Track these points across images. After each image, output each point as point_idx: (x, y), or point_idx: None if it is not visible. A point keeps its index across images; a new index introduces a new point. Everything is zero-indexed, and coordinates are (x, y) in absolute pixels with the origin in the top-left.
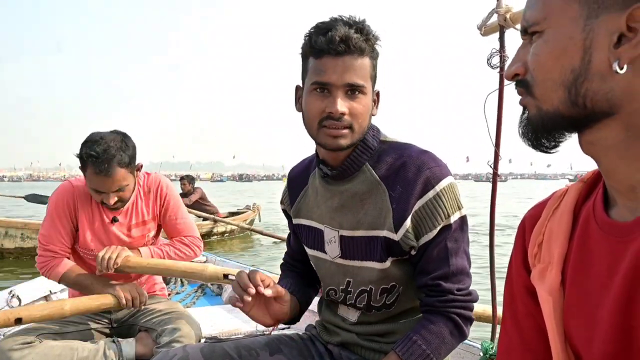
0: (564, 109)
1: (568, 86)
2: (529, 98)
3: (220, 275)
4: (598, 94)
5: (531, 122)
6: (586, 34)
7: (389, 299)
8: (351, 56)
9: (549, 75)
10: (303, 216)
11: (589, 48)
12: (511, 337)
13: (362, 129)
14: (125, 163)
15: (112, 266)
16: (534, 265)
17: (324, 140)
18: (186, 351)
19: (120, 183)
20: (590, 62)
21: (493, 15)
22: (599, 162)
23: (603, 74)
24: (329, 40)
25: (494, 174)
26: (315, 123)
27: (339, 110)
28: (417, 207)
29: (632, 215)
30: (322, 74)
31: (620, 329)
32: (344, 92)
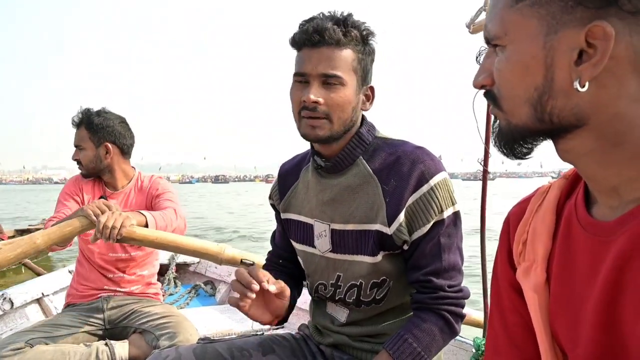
0: (532, 124)
1: (533, 104)
2: (497, 110)
3: (238, 259)
4: (564, 111)
5: (502, 133)
6: (547, 51)
7: (379, 294)
8: (327, 47)
9: (514, 92)
10: (292, 211)
11: (550, 66)
12: (498, 334)
13: (343, 120)
14: (89, 126)
15: (116, 237)
16: (519, 263)
17: (303, 130)
18: (179, 352)
19: (79, 141)
20: (552, 80)
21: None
22: (578, 168)
23: (566, 91)
24: (304, 31)
25: (484, 171)
26: (296, 113)
27: (311, 98)
28: (411, 201)
29: (614, 214)
30: (301, 65)
31: (604, 328)
32: (320, 83)
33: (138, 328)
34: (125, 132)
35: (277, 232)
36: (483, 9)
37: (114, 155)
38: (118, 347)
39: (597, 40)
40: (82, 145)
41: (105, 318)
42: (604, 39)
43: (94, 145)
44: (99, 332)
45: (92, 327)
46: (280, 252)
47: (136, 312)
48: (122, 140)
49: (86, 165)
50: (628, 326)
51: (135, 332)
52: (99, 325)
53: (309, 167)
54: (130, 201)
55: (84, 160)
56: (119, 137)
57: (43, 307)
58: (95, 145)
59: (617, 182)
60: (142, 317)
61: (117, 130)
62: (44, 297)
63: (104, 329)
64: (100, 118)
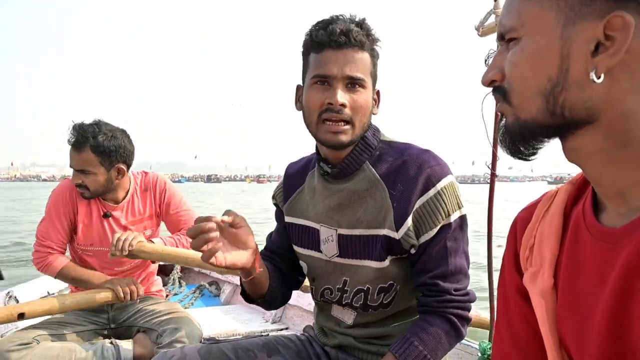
0: (542, 118)
1: (546, 95)
2: (506, 105)
3: None
4: (576, 103)
5: (509, 130)
6: (563, 43)
7: (386, 299)
8: (352, 49)
9: (527, 84)
10: (297, 215)
11: (566, 57)
12: (504, 339)
13: (363, 124)
14: (98, 150)
15: (127, 248)
16: (526, 268)
17: (324, 137)
18: (184, 352)
19: (85, 165)
20: (568, 71)
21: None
22: (583, 169)
23: (581, 83)
24: (330, 32)
25: (491, 175)
26: (315, 117)
27: (339, 101)
28: (418, 205)
29: (622, 221)
30: (323, 67)
31: (612, 336)
32: (344, 85)
33: (142, 327)
34: (132, 147)
35: (274, 232)
36: (492, 12)
37: (125, 173)
38: (123, 346)
39: (615, 31)
40: (89, 170)
41: (109, 317)
42: (623, 29)
43: (105, 170)
44: (104, 331)
45: (97, 326)
46: (273, 247)
47: (140, 310)
48: (131, 157)
49: (95, 189)
50: (637, 333)
51: (140, 331)
52: (104, 324)
53: (314, 172)
54: (137, 208)
55: (92, 186)
56: (129, 155)
57: None
58: (107, 169)
59: (623, 185)
60: (146, 315)
61: (128, 148)
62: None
63: (108, 328)
64: (110, 139)
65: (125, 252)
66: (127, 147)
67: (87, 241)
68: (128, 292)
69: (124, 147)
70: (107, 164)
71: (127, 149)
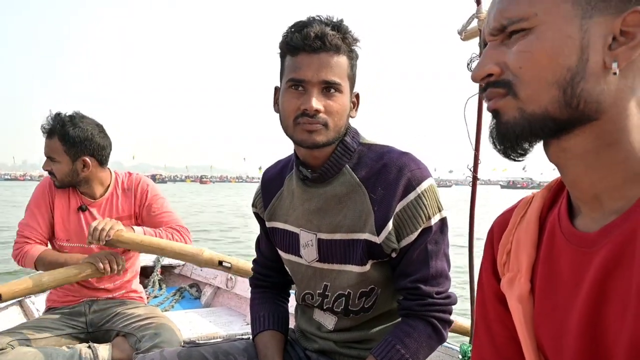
0: (553, 110)
1: (564, 86)
2: (509, 99)
3: (216, 261)
4: (591, 95)
5: (508, 126)
6: (583, 33)
7: (367, 303)
8: (327, 53)
9: (541, 74)
10: (277, 219)
11: (586, 48)
12: (484, 344)
13: (338, 127)
14: (64, 138)
15: (104, 237)
16: (503, 273)
17: (300, 137)
18: (163, 356)
19: (51, 152)
20: (587, 61)
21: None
22: (564, 171)
23: (597, 75)
24: (304, 36)
25: (473, 178)
26: (291, 120)
27: (313, 107)
28: (398, 208)
29: (596, 225)
30: (298, 71)
31: (588, 339)
32: (320, 90)
33: (121, 331)
34: (104, 142)
35: (261, 239)
36: (475, 16)
37: (92, 168)
38: (101, 350)
39: (634, 27)
40: (55, 157)
41: (87, 321)
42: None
43: (69, 159)
44: (81, 335)
45: (75, 330)
46: (267, 261)
47: (119, 314)
48: (101, 152)
49: (60, 178)
50: (611, 336)
51: (118, 335)
52: (82, 328)
53: (292, 174)
54: (118, 206)
55: (57, 173)
56: (97, 149)
57: (24, 308)
58: (72, 159)
59: (600, 189)
60: (125, 319)
61: (96, 141)
62: (25, 299)
63: (86, 332)
64: (77, 129)
65: (102, 241)
66: (96, 141)
67: (64, 236)
68: (108, 264)
69: (92, 139)
70: (72, 153)
71: (94, 142)
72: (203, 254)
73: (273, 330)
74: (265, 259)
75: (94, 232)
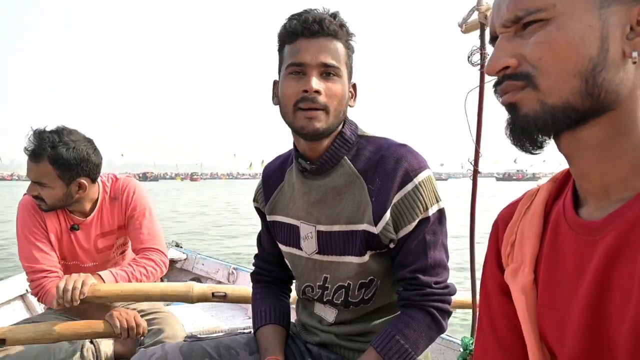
0: (575, 101)
1: (585, 76)
2: (528, 91)
3: (209, 293)
4: (612, 85)
5: (529, 119)
6: (602, 23)
7: (367, 294)
8: (325, 38)
9: (562, 65)
10: (278, 213)
11: (606, 37)
12: (487, 335)
13: (338, 113)
14: (56, 162)
15: (78, 298)
16: (507, 264)
17: (300, 123)
18: (165, 350)
19: (41, 177)
20: (608, 51)
21: (474, 13)
22: (575, 162)
23: (617, 64)
24: (302, 21)
25: (474, 171)
26: (291, 106)
27: (313, 87)
28: (396, 199)
29: (602, 214)
30: (297, 55)
31: (590, 327)
32: (319, 73)
33: None
34: (98, 159)
35: (262, 234)
36: (476, 9)
37: (87, 187)
38: (103, 345)
39: None
40: (46, 183)
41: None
42: None
43: (63, 184)
44: None
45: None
46: (268, 256)
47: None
48: (96, 170)
49: (52, 203)
50: (614, 324)
51: None
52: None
53: (292, 168)
54: (106, 220)
55: (49, 200)
56: (93, 168)
57: (27, 303)
58: (66, 183)
59: (610, 179)
60: None
61: (92, 161)
62: (28, 294)
63: None
64: (70, 150)
65: (76, 302)
66: (91, 160)
67: (58, 255)
68: (126, 329)
69: (87, 159)
70: (66, 177)
71: (90, 162)
72: (193, 289)
73: (274, 325)
74: (266, 253)
75: (65, 294)
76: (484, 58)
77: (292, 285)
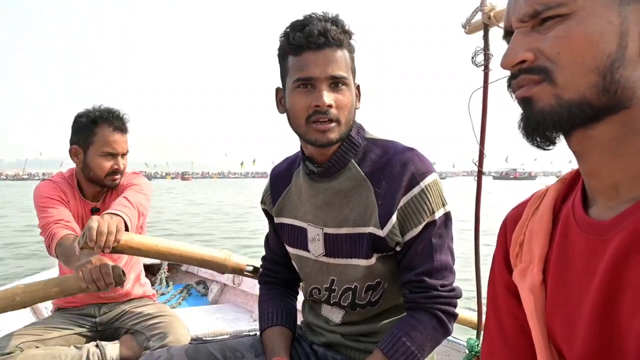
0: (591, 97)
1: (603, 71)
2: (544, 86)
3: (243, 266)
4: (629, 82)
5: (544, 113)
6: (622, 19)
7: (374, 296)
8: (331, 49)
9: (580, 60)
10: (286, 215)
11: (625, 34)
12: (494, 337)
13: (349, 121)
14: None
15: (112, 244)
16: (516, 265)
17: (314, 137)
18: (170, 353)
19: (126, 146)
20: (626, 48)
21: (477, 13)
22: (585, 159)
23: (635, 62)
24: (307, 34)
25: (478, 172)
26: (303, 120)
27: (325, 102)
28: (402, 203)
29: (611, 213)
30: (305, 69)
31: (600, 327)
32: (328, 85)
33: (130, 329)
34: None
35: (270, 236)
36: (479, 9)
37: None
38: (109, 349)
39: None
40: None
41: (97, 320)
42: None
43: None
44: (90, 333)
45: (84, 329)
46: (275, 257)
47: (128, 312)
48: None
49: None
50: (625, 323)
51: (126, 333)
52: (91, 327)
53: (300, 171)
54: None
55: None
56: None
57: (34, 307)
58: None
59: (620, 178)
60: (134, 317)
61: None
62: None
63: (95, 331)
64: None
65: (108, 248)
66: None
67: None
68: (92, 281)
69: None
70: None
71: None
72: (229, 260)
73: (280, 326)
74: (274, 255)
75: (99, 237)
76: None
77: (299, 287)
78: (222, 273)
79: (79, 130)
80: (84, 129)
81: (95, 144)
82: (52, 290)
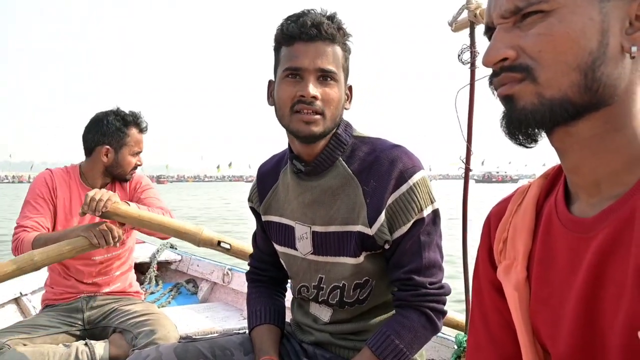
0: (573, 95)
1: (585, 69)
2: (526, 84)
3: (215, 241)
4: (610, 79)
5: (526, 112)
6: (603, 16)
7: (362, 294)
8: (323, 42)
9: (562, 57)
10: (273, 213)
11: (606, 31)
12: (479, 333)
13: (334, 117)
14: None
15: (101, 208)
16: (500, 261)
17: (297, 127)
18: (159, 351)
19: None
20: (607, 45)
21: (463, 11)
22: (566, 156)
23: (616, 58)
24: (301, 25)
25: (466, 169)
26: (287, 109)
27: (310, 92)
28: (391, 201)
29: (594, 210)
30: (294, 59)
31: (584, 324)
32: (316, 77)
33: (118, 327)
34: None
35: (257, 234)
36: (465, 7)
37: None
38: (98, 347)
39: None
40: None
41: (84, 318)
42: None
43: None
44: (78, 332)
45: (72, 328)
46: (263, 256)
47: (116, 311)
48: None
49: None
50: (607, 320)
51: (115, 332)
52: (79, 325)
53: (287, 168)
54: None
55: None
56: None
57: (21, 306)
58: None
59: (601, 174)
60: (122, 316)
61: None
62: (22, 297)
63: (83, 329)
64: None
65: (98, 212)
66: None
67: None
68: (102, 236)
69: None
70: None
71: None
72: (202, 232)
73: (269, 324)
74: (262, 253)
75: (91, 202)
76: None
77: (288, 284)
78: (196, 245)
79: (112, 132)
80: (118, 132)
81: (128, 144)
82: (66, 249)
